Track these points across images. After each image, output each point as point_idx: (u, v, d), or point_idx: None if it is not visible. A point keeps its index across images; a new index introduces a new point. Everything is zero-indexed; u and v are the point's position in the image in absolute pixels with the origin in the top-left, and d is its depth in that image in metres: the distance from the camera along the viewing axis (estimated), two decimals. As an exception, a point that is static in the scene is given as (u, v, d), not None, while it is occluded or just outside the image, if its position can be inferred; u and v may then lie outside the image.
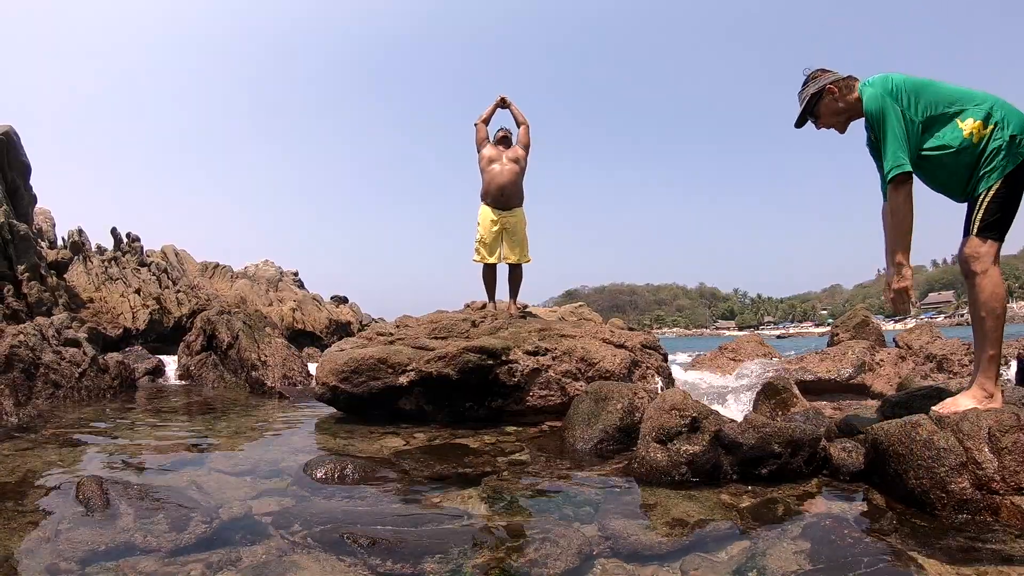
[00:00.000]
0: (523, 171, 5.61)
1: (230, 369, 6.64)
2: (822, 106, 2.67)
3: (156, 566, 1.55)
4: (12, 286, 8.12)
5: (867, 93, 2.53)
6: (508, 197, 5.50)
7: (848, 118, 2.69)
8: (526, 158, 5.63)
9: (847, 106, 2.65)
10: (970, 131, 2.41)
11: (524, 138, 5.67)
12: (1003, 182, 2.37)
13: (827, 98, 2.65)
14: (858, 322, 6.85)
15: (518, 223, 5.59)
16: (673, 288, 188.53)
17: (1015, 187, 2.39)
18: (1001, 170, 2.37)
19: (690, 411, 2.62)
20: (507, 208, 5.53)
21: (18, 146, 10.25)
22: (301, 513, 1.98)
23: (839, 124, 2.72)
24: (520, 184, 5.59)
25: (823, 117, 2.70)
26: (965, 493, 2.00)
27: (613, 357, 4.37)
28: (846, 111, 2.66)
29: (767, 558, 1.64)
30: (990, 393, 2.36)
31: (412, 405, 4.05)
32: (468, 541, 1.77)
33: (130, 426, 3.75)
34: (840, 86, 2.63)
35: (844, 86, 2.64)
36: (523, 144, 5.65)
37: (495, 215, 5.51)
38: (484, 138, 5.70)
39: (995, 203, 2.38)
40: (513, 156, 5.54)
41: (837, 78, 2.65)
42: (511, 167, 5.49)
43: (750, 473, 2.43)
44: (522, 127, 5.71)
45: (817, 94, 2.66)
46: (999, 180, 2.37)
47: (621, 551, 1.71)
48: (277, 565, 1.58)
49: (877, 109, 2.46)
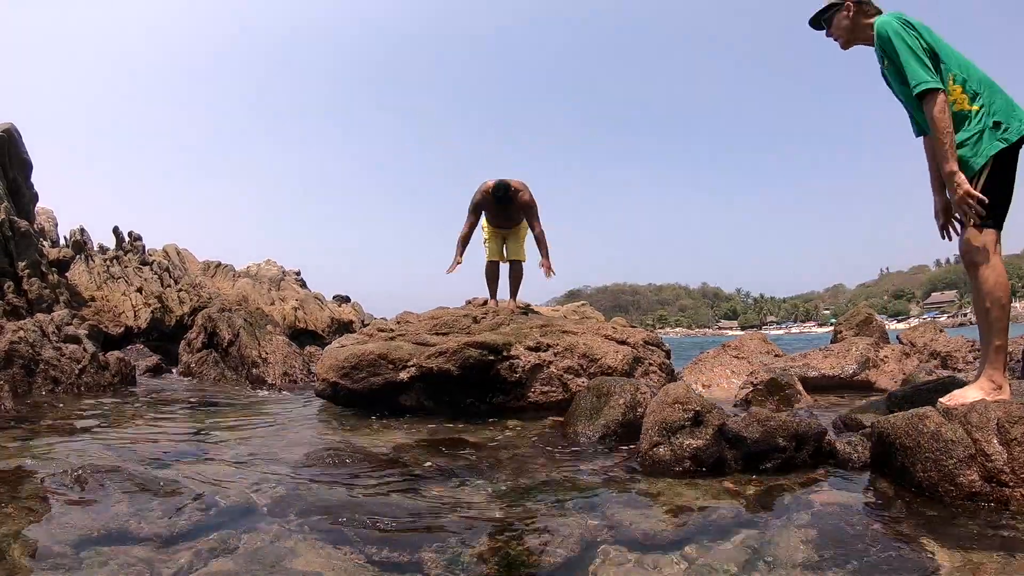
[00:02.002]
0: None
1: (231, 366, 6.62)
2: (835, 17, 2.73)
3: (149, 552, 1.53)
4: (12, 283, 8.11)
5: (879, 20, 2.56)
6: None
7: (852, 38, 2.74)
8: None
9: (854, 26, 2.70)
10: (955, 97, 2.39)
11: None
12: (988, 169, 2.34)
13: (842, 12, 2.70)
14: (861, 319, 6.81)
15: (519, 228, 5.66)
16: (676, 288, 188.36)
17: (1004, 172, 2.36)
18: (984, 157, 2.34)
19: (693, 405, 2.60)
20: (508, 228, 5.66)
21: (19, 143, 10.25)
22: (298, 502, 1.95)
23: (842, 39, 2.77)
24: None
25: (832, 27, 2.77)
26: (974, 486, 1.97)
27: (615, 353, 4.34)
28: (851, 31, 2.71)
29: (774, 546, 1.61)
30: (998, 384, 2.32)
31: (413, 401, 4.03)
32: (467, 530, 1.74)
33: (128, 419, 3.73)
34: (858, 8, 2.68)
35: (861, 10, 2.68)
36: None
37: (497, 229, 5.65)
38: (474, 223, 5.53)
39: (985, 191, 2.34)
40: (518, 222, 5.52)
41: (860, 0, 2.68)
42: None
43: (755, 467, 2.40)
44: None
45: (836, 5, 2.71)
46: (982, 168, 2.34)
47: (623, 539, 1.68)
48: (272, 552, 1.55)
49: (886, 34, 2.48)
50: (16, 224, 8.60)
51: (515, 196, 5.24)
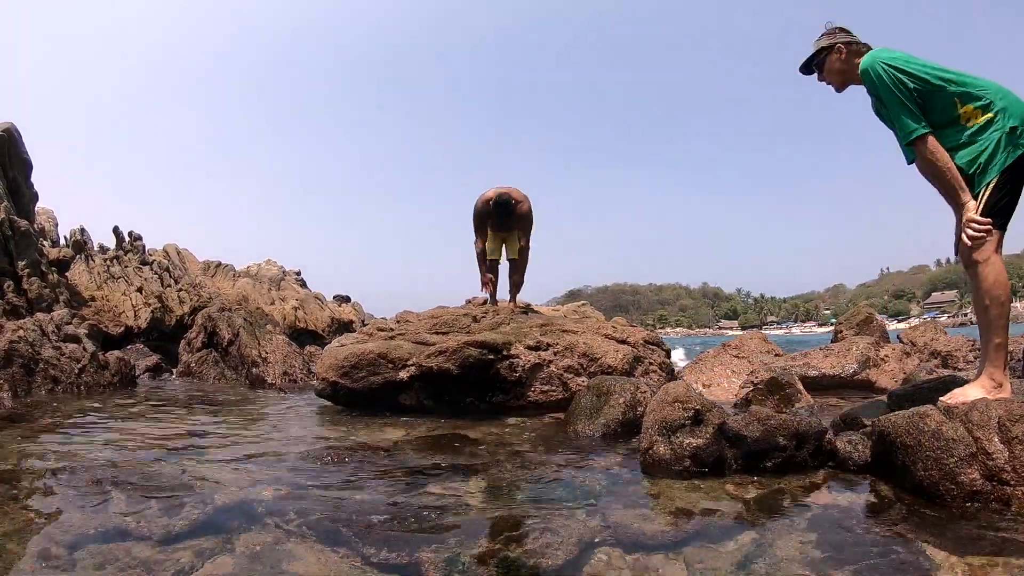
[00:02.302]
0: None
1: (231, 366, 6.62)
2: (827, 61, 2.74)
3: (147, 551, 1.52)
4: (12, 282, 8.11)
5: (862, 63, 2.56)
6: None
7: (846, 80, 2.74)
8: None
9: (847, 68, 2.70)
10: (968, 117, 2.38)
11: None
12: (1003, 174, 2.34)
13: (834, 55, 2.70)
14: (862, 319, 6.80)
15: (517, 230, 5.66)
16: (676, 288, 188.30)
17: (1015, 178, 2.36)
18: (1000, 163, 2.33)
19: (693, 403, 2.59)
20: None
21: (19, 143, 10.24)
22: (297, 502, 1.94)
23: (836, 83, 2.77)
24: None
25: (825, 71, 2.77)
26: (975, 484, 1.96)
27: (615, 353, 4.33)
28: (845, 73, 2.71)
29: (774, 548, 1.60)
30: (999, 383, 2.32)
31: (412, 401, 4.02)
32: (466, 531, 1.74)
33: (128, 418, 3.72)
34: (850, 50, 2.68)
35: (853, 51, 2.68)
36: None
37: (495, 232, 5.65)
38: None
39: (995, 193, 2.34)
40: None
41: (850, 41, 2.69)
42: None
43: (755, 466, 2.39)
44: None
45: (827, 48, 2.72)
46: (997, 174, 2.34)
47: (623, 541, 1.67)
48: (271, 552, 1.54)
49: (870, 76, 2.49)
50: (16, 223, 8.60)
51: (515, 208, 5.28)
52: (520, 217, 5.36)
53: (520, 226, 5.43)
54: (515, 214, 5.30)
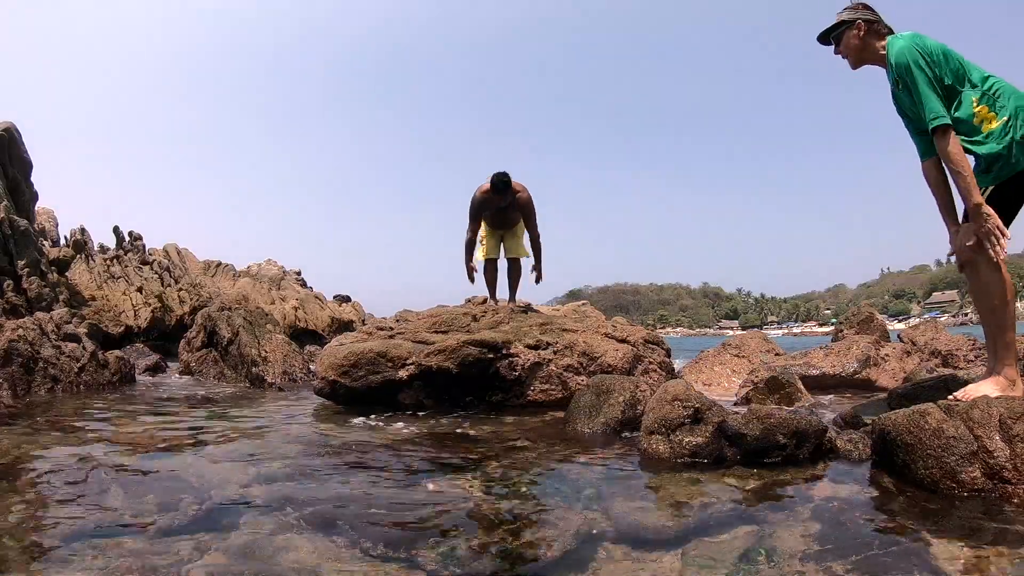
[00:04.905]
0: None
1: (230, 365, 6.61)
2: (845, 36, 2.68)
3: (143, 544, 1.52)
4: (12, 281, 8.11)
5: (896, 46, 2.49)
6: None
7: (862, 58, 2.69)
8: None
9: (864, 47, 2.65)
10: (981, 118, 2.37)
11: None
12: (1013, 178, 2.34)
13: (852, 31, 2.65)
14: (863, 318, 6.80)
15: (517, 227, 5.64)
16: (676, 288, 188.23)
17: (1020, 183, 2.36)
18: (1012, 167, 2.32)
19: (693, 402, 2.58)
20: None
21: (19, 142, 10.25)
22: (295, 496, 1.94)
23: (852, 59, 2.72)
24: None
25: (842, 45, 2.72)
26: (976, 483, 1.95)
27: (615, 352, 4.32)
28: (862, 51, 2.67)
29: (774, 540, 1.59)
30: (1012, 380, 2.32)
31: (412, 399, 4.02)
32: (464, 524, 1.73)
33: (127, 416, 3.72)
34: (869, 28, 2.63)
35: (873, 30, 2.63)
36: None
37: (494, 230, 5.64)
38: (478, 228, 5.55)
39: (996, 195, 2.34)
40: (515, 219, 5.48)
41: (871, 19, 2.64)
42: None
43: (755, 465, 2.39)
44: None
45: (848, 22, 2.66)
46: (1008, 177, 2.34)
47: (623, 534, 1.66)
48: (268, 545, 1.54)
49: (905, 63, 2.42)
50: (16, 223, 8.60)
51: (514, 195, 5.22)
52: (521, 206, 5.33)
53: (524, 215, 5.41)
54: (514, 201, 5.27)
